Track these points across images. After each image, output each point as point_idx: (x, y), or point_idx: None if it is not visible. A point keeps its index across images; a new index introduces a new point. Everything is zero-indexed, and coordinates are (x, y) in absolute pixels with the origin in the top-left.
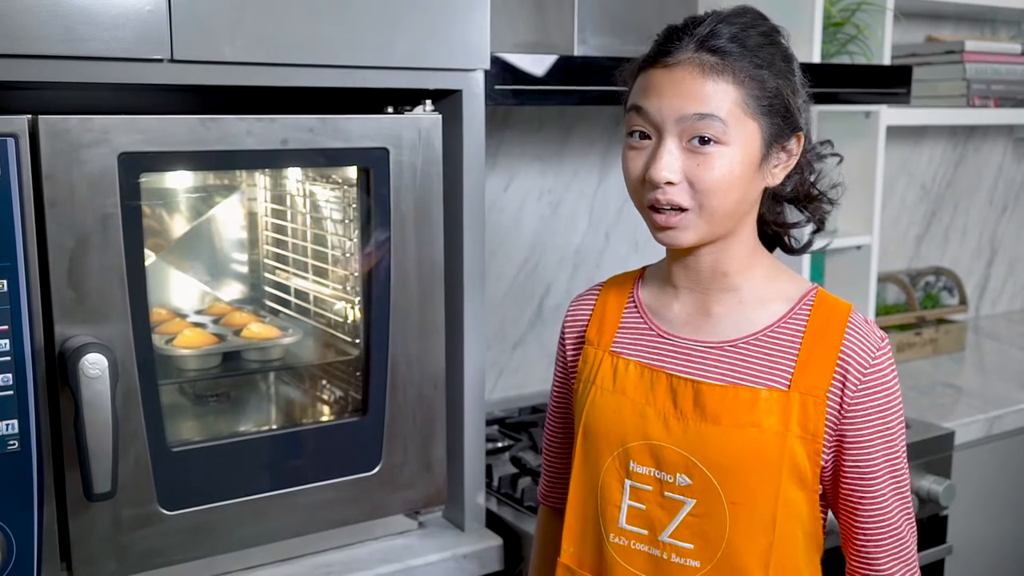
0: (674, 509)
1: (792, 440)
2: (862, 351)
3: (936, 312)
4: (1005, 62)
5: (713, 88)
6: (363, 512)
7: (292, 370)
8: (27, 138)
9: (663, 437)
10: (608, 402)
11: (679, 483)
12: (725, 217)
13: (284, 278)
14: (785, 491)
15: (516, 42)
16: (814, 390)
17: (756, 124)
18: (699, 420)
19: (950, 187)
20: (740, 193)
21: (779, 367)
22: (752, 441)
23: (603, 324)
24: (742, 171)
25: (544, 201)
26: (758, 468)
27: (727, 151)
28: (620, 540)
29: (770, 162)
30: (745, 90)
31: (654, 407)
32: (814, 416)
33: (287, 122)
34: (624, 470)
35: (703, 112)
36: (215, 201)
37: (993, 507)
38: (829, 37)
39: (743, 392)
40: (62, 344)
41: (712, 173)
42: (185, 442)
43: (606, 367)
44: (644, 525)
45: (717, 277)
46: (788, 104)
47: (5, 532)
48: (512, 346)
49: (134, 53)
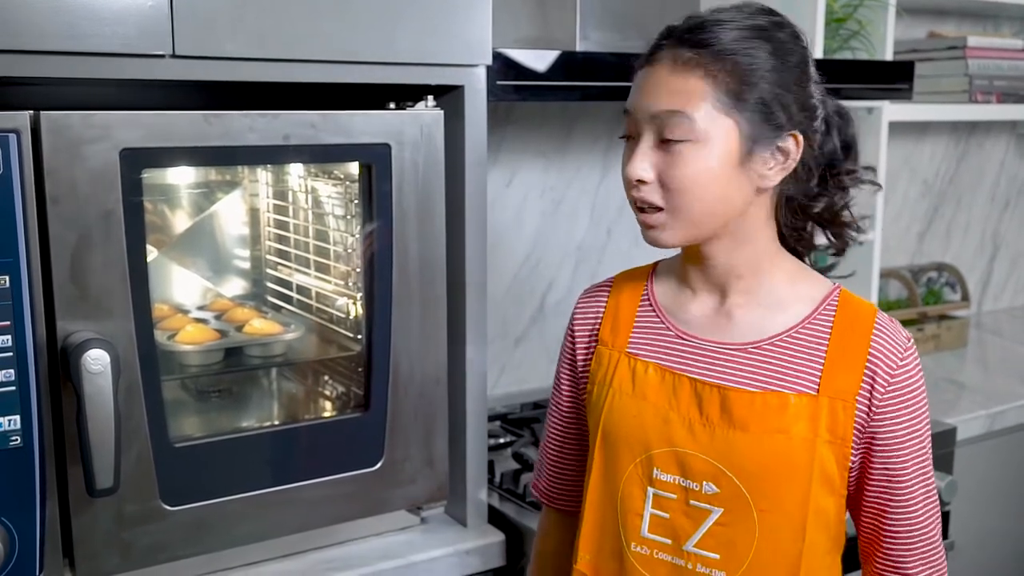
0: (700, 518)
1: (821, 445)
2: (890, 352)
3: (938, 308)
4: (1008, 58)
5: (683, 84)
6: (365, 508)
7: (294, 366)
8: (29, 134)
9: (689, 444)
10: (628, 407)
11: (705, 491)
12: (705, 216)
13: (286, 274)
14: (815, 497)
15: (518, 37)
16: (843, 394)
17: (732, 121)
18: (727, 427)
19: (952, 183)
20: (717, 192)
21: (806, 370)
22: (781, 447)
23: (617, 323)
24: (716, 169)
25: (546, 197)
26: (788, 475)
27: (698, 148)
28: (642, 549)
29: (757, 162)
30: (718, 85)
31: (678, 412)
32: (843, 420)
33: (289, 118)
34: (647, 478)
35: (671, 109)
36: (217, 197)
37: (995, 503)
38: (831, 33)
39: (771, 398)
40: (64, 340)
41: (681, 171)
42: (187, 438)
43: (623, 369)
44: (668, 534)
45: (732, 279)
46: (774, 100)
47: (7, 528)
48: (514, 342)
49: (136, 49)
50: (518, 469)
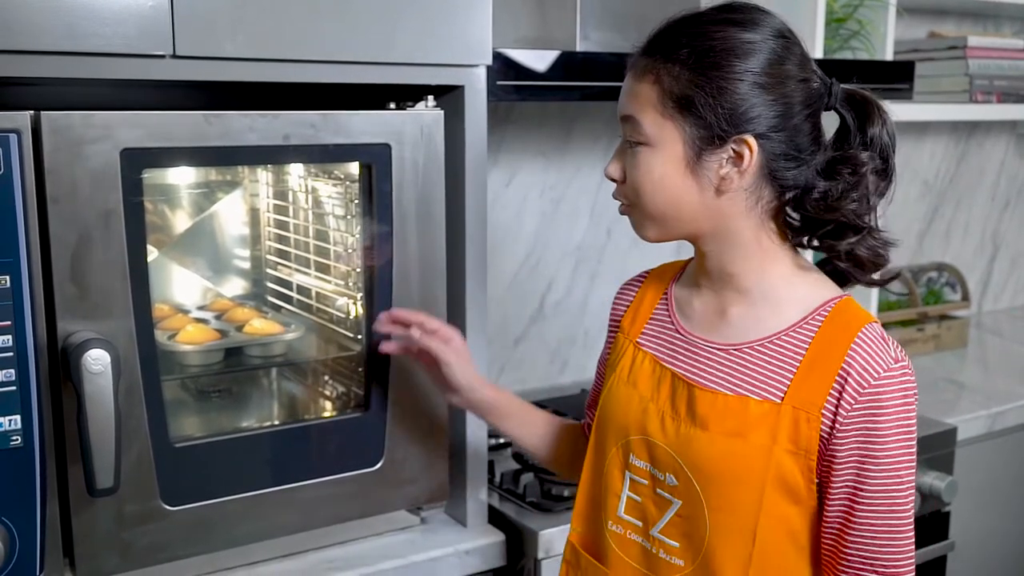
0: (664, 506)
1: (780, 454)
2: (867, 368)
3: (938, 308)
4: (1008, 58)
5: (637, 89)
6: (365, 508)
7: (294, 366)
8: (29, 134)
9: (658, 435)
10: (621, 393)
11: (668, 482)
12: (664, 215)
13: (286, 274)
14: (770, 504)
15: (518, 37)
16: (807, 405)
17: (673, 124)
18: (689, 423)
19: (952, 183)
20: (670, 194)
21: (777, 378)
22: (736, 451)
23: (637, 315)
24: (665, 172)
25: (546, 197)
26: (740, 478)
27: (650, 152)
28: (617, 528)
29: (709, 166)
30: (662, 88)
31: (656, 404)
32: (806, 432)
33: (289, 118)
34: (625, 461)
35: (625, 114)
36: (217, 197)
37: (995, 503)
38: (832, 33)
39: (733, 401)
40: (64, 340)
41: (634, 172)
42: (187, 438)
43: (627, 358)
44: (639, 517)
45: (724, 277)
46: (719, 106)
47: (8, 527)
48: (514, 342)
49: (136, 49)
50: (518, 469)
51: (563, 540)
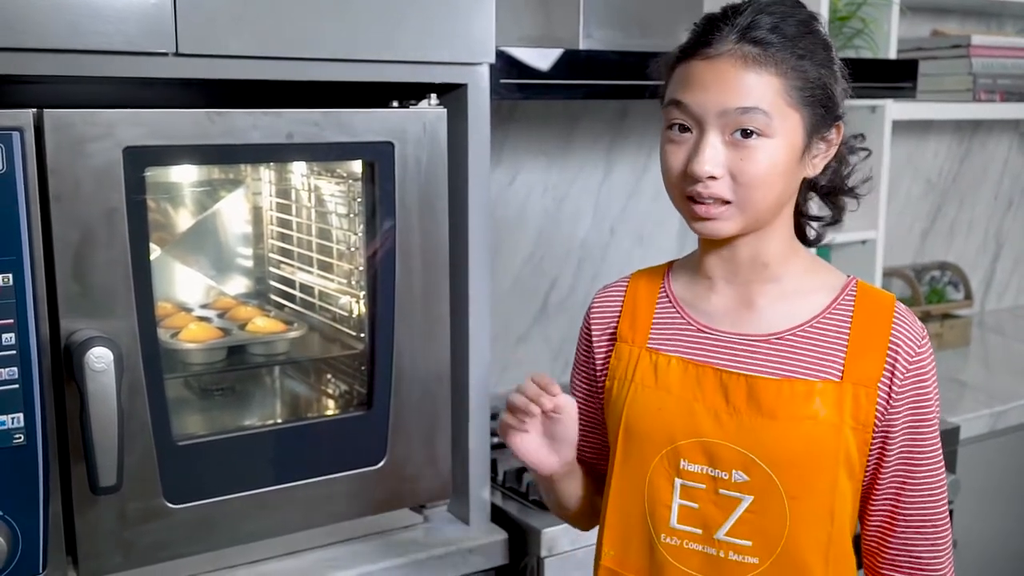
0: (730, 507)
1: (846, 431)
2: (910, 341)
3: (941, 307)
4: (1011, 56)
5: (756, 80)
6: (368, 506)
7: (297, 364)
8: (32, 132)
9: (715, 433)
10: (651, 400)
11: (735, 480)
12: (769, 208)
13: (289, 272)
14: (841, 483)
15: (521, 36)
16: (866, 380)
17: (798, 115)
18: (754, 415)
19: (955, 182)
20: (783, 185)
21: (829, 358)
22: (809, 434)
23: (636, 319)
24: (785, 163)
25: (549, 196)
26: (816, 461)
27: (771, 143)
28: (672, 540)
29: (811, 152)
30: (787, 81)
31: (703, 403)
32: (865, 406)
33: (292, 116)
34: (674, 469)
35: (747, 106)
36: (220, 195)
37: (998, 502)
38: (835, 31)
39: (798, 385)
40: (67, 338)
41: (756, 166)
42: (190, 436)
43: (645, 364)
44: (698, 524)
45: (757, 268)
46: (830, 93)
47: (11, 525)
48: (517, 340)
49: (139, 47)
50: (521, 467)
51: (566, 538)
